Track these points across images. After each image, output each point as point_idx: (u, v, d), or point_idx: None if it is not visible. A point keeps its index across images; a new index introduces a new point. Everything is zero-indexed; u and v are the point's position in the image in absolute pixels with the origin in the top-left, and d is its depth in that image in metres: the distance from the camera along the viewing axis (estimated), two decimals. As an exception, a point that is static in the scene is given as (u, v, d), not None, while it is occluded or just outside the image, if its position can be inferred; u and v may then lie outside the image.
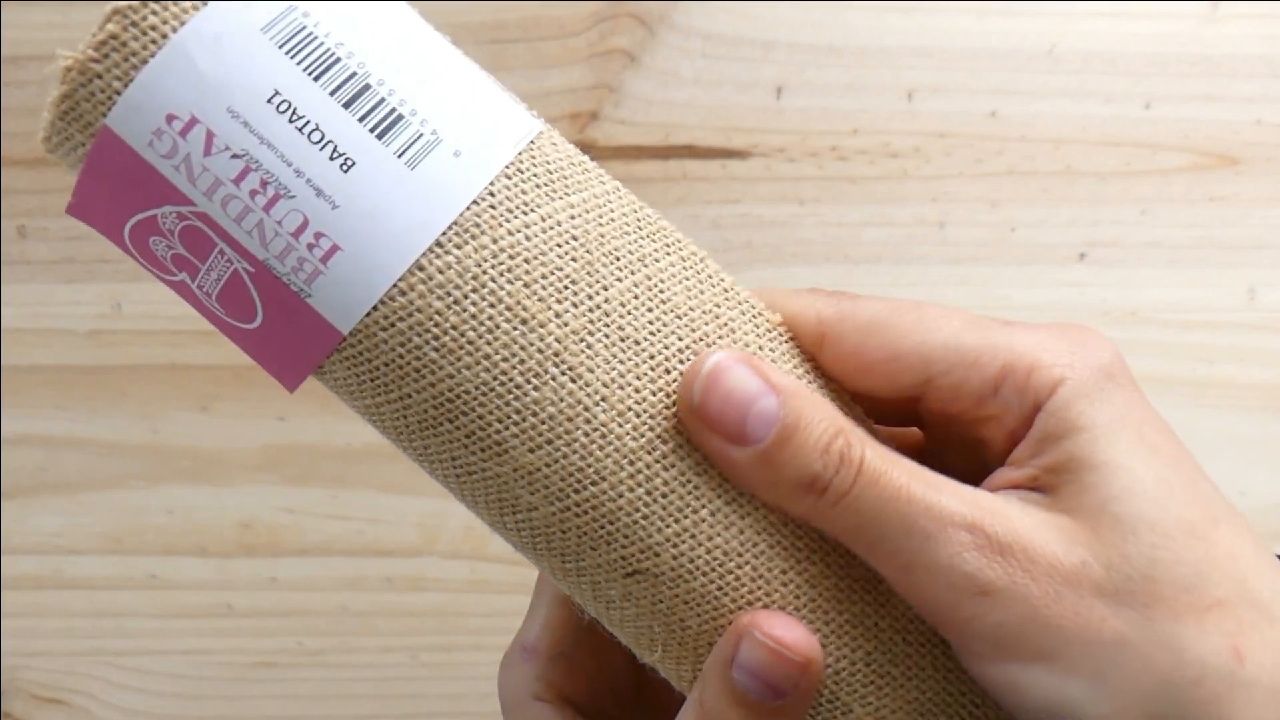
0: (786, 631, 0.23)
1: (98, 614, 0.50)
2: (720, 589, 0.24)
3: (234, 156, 0.21)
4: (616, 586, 0.24)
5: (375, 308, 0.22)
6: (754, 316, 0.25)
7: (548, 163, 0.24)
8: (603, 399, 0.23)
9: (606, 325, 0.23)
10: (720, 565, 0.24)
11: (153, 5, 0.21)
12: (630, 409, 0.23)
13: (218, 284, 0.23)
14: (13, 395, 0.50)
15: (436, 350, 0.22)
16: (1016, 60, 0.48)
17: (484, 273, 0.22)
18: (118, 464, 0.50)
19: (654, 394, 0.23)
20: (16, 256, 0.49)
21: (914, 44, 0.48)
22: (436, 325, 0.22)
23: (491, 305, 0.22)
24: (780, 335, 0.25)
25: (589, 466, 0.23)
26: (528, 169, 0.23)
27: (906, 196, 0.49)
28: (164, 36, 0.21)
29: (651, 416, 0.23)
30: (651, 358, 0.24)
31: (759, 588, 0.24)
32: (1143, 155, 0.49)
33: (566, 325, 0.23)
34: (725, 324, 0.24)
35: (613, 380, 0.23)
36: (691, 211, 0.48)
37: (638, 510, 0.23)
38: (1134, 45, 0.48)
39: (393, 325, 0.23)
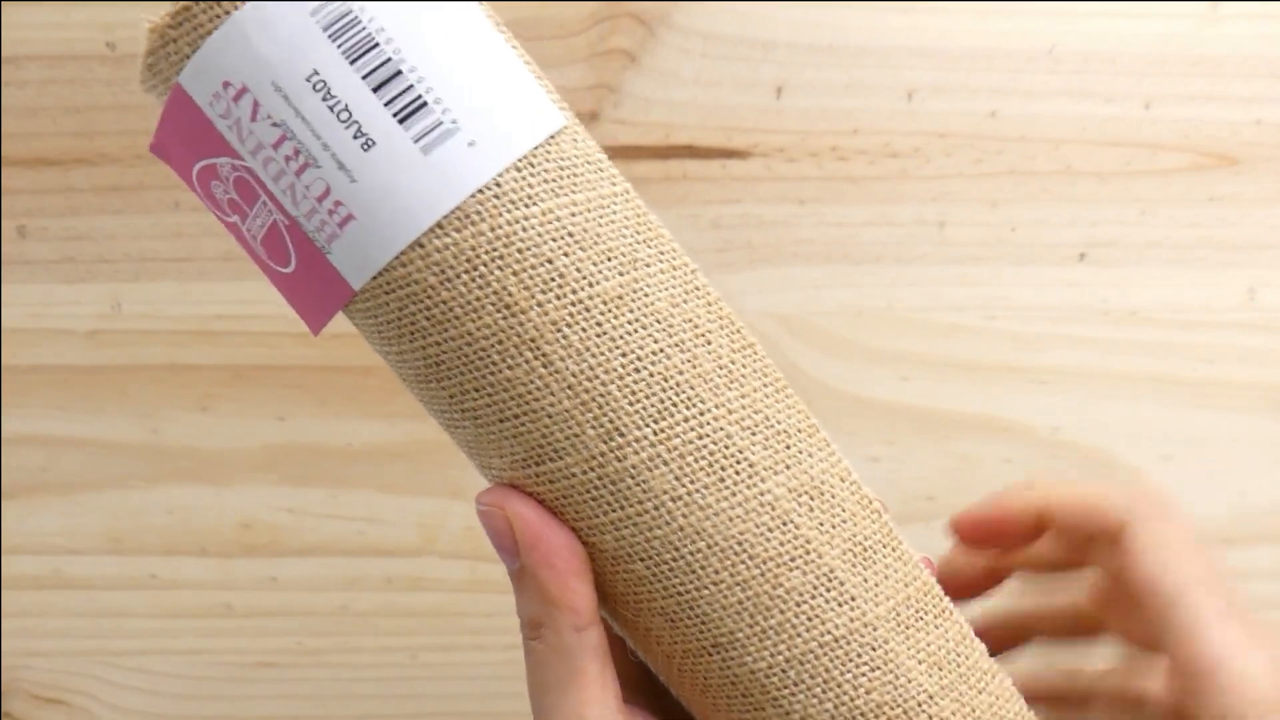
0: (488, 495, 0.26)
1: (98, 614, 0.50)
2: (654, 575, 0.26)
3: (274, 125, 0.24)
4: None
5: (380, 273, 0.25)
6: (732, 333, 0.26)
7: (561, 159, 0.25)
8: (569, 386, 0.25)
9: (585, 320, 0.24)
10: (655, 554, 0.25)
11: None
12: (595, 399, 0.25)
13: (261, 230, 0.25)
14: (13, 395, 0.50)
15: (427, 320, 0.25)
16: (1016, 60, 0.48)
17: (477, 257, 0.24)
18: (118, 464, 0.50)
19: (620, 390, 0.25)
20: (16, 256, 0.49)
21: (914, 44, 0.48)
22: (429, 298, 0.24)
23: (480, 288, 0.24)
24: (752, 353, 0.26)
25: (548, 444, 0.25)
26: (540, 164, 0.25)
27: (906, 196, 0.49)
28: (226, 13, 0.24)
29: (613, 410, 0.25)
30: (624, 354, 0.25)
31: (689, 581, 0.25)
32: (1143, 155, 0.49)
33: (546, 315, 0.24)
34: (702, 334, 0.26)
35: (582, 371, 0.24)
36: (691, 211, 0.49)
37: (588, 492, 0.25)
38: (1134, 45, 0.48)
39: (393, 291, 0.25)
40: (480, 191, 0.24)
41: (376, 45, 0.24)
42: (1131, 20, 0.48)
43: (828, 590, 0.25)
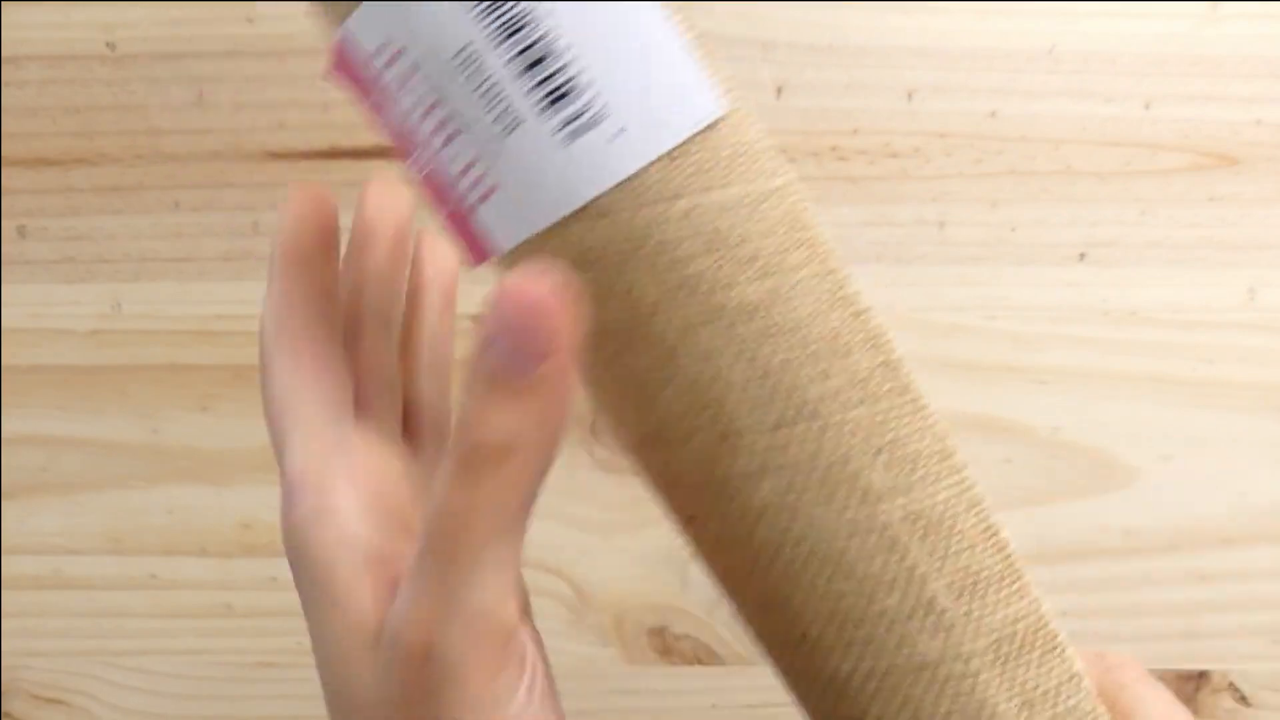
0: (529, 283, 0.21)
1: (98, 614, 0.50)
2: (750, 569, 0.25)
3: (426, 92, 0.23)
4: (680, 522, 0.26)
5: (516, 248, 0.24)
6: (876, 346, 0.25)
7: (717, 149, 0.24)
8: (689, 387, 0.24)
9: (716, 324, 0.24)
10: (754, 551, 0.25)
11: None
12: (713, 402, 0.24)
13: (419, 175, 0.25)
14: (13, 395, 0.50)
15: None
16: (1016, 60, 0.48)
17: (612, 250, 0.23)
18: (118, 464, 0.50)
19: (740, 397, 0.24)
20: (16, 256, 0.49)
21: (914, 44, 0.48)
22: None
23: (612, 280, 0.23)
24: (893, 372, 0.25)
25: (663, 434, 0.24)
26: (692, 155, 0.24)
27: (906, 196, 0.49)
28: None
29: (730, 415, 0.24)
30: (751, 362, 0.24)
31: (784, 581, 0.25)
32: (1143, 155, 0.49)
33: (676, 316, 0.23)
34: (842, 346, 0.24)
35: (705, 374, 0.24)
36: (691, 211, 0.49)
37: (697, 483, 0.25)
38: (1134, 45, 0.48)
39: (531, 261, 0.24)
40: (623, 184, 0.23)
41: (530, 22, 0.23)
42: (1131, 20, 0.48)
43: (924, 617, 0.25)
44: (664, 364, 0.24)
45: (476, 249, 0.25)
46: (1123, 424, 0.49)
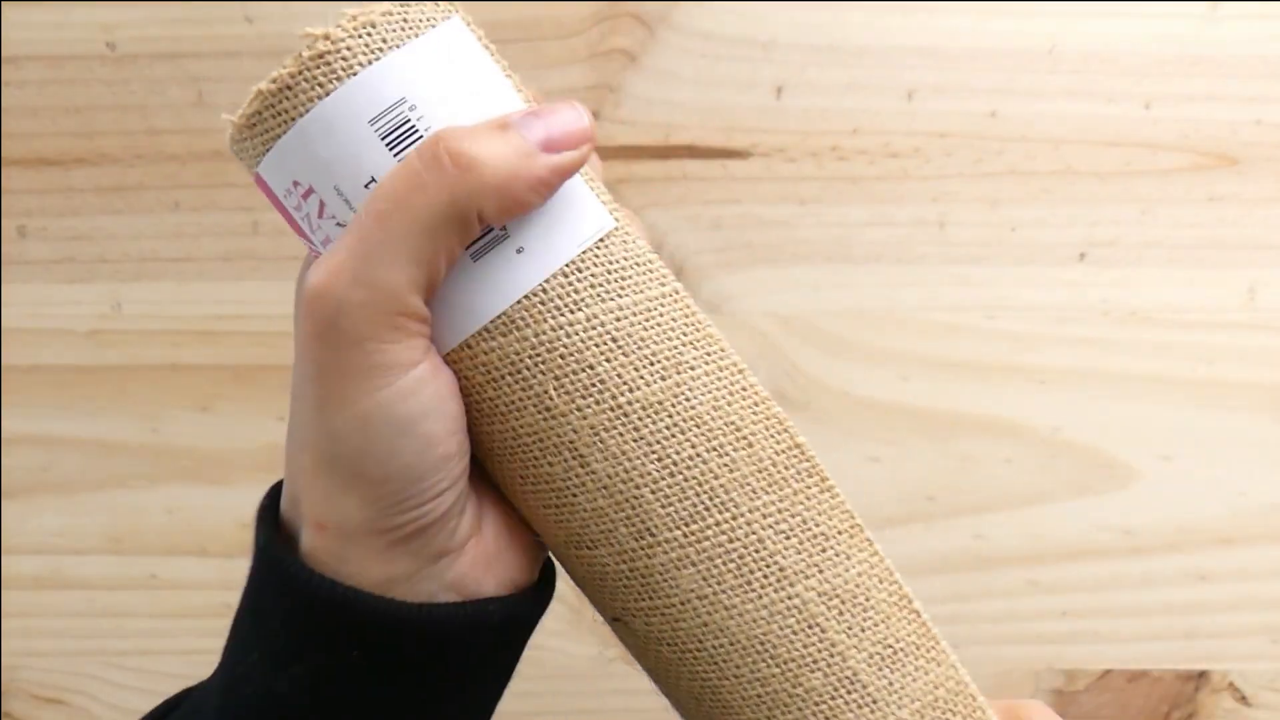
0: (585, 122, 0.25)
1: (98, 614, 0.50)
2: (679, 660, 0.27)
3: (339, 225, 0.24)
4: (608, 622, 0.28)
5: None
6: (778, 433, 0.27)
7: (610, 262, 0.26)
8: (604, 487, 0.25)
9: (623, 424, 0.25)
10: (681, 643, 0.26)
11: (287, 92, 0.24)
12: (628, 501, 0.25)
13: None
14: (13, 395, 0.50)
15: (476, 411, 0.25)
16: (1016, 60, 0.48)
17: (521, 361, 0.25)
18: (118, 464, 0.50)
19: (653, 493, 0.25)
20: (16, 256, 0.49)
21: (914, 44, 0.48)
22: (477, 393, 0.25)
23: (523, 390, 0.25)
24: (798, 454, 0.27)
25: (585, 535, 0.26)
26: (588, 267, 0.25)
27: (906, 196, 0.49)
28: (292, 120, 0.24)
29: (645, 512, 0.25)
30: (660, 460, 0.25)
31: (712, 670, 0.26)
32: (1143, 155, 0.49)
33: (585, 419, 0.25)
34: (744, 437, 0.26)
35: (617, 474, 0.25)
36: (691, 211, 0.49)
37: (620, 580, 0.26)
38: (1134, 45, 0.48)
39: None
40: (526, 298, 0.25)
41: None
42: (1131, 20, 0.48)
43: (849, 692, 0.26)
44: (578, 466, 0.25)
45: None
46: (1123, 424, 0.49)
